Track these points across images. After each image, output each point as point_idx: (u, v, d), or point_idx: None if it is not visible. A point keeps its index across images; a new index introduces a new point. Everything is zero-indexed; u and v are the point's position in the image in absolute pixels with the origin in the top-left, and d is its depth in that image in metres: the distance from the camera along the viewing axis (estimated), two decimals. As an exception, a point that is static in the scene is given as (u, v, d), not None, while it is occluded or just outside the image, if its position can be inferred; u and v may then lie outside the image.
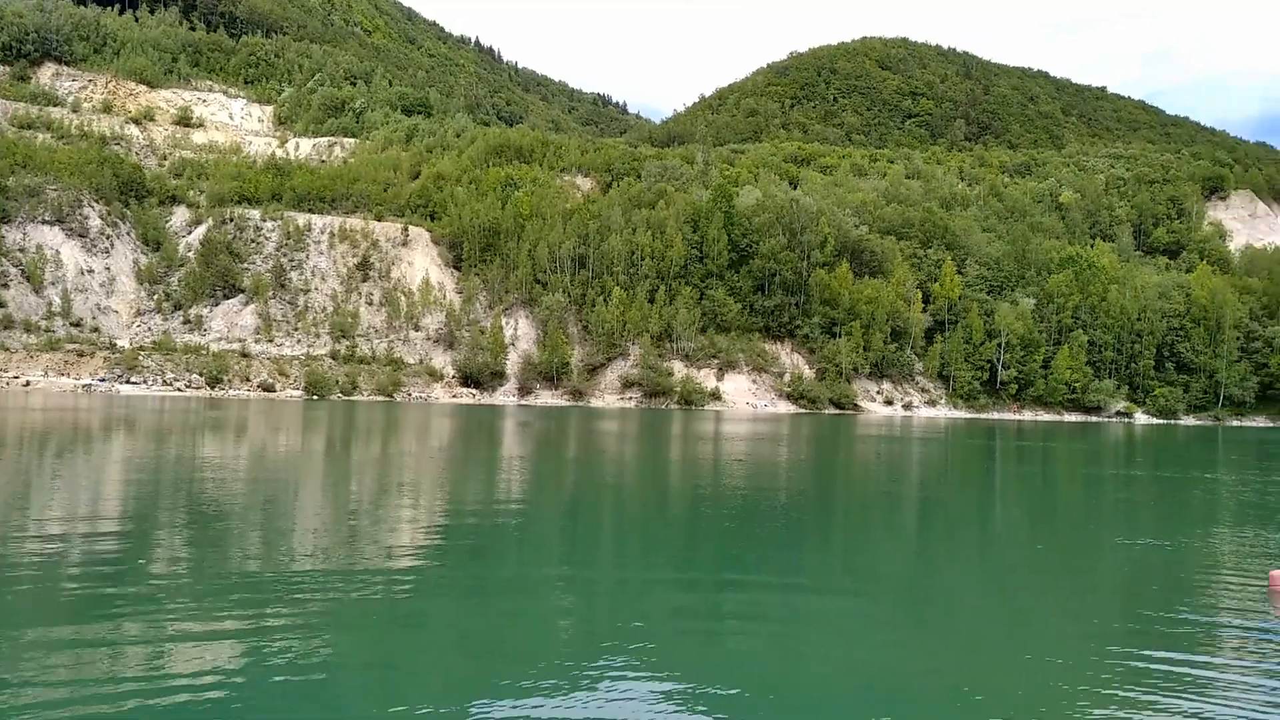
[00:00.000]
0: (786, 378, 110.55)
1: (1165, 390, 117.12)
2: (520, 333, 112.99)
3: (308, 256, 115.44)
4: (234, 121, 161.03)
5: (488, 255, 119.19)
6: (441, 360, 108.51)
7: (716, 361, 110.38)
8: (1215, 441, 67.38)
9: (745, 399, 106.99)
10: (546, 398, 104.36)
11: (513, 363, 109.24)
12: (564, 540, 17.14)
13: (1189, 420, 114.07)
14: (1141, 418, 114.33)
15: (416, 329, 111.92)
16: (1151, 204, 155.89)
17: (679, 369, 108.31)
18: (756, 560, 15.12)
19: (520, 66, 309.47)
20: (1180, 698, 8.46)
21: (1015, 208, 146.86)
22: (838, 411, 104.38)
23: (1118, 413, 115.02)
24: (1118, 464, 42.34)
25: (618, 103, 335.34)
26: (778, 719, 7.98)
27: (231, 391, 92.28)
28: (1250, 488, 31.33)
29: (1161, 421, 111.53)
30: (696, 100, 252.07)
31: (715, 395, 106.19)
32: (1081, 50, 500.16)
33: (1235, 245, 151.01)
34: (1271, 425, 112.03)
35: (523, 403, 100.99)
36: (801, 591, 12.76)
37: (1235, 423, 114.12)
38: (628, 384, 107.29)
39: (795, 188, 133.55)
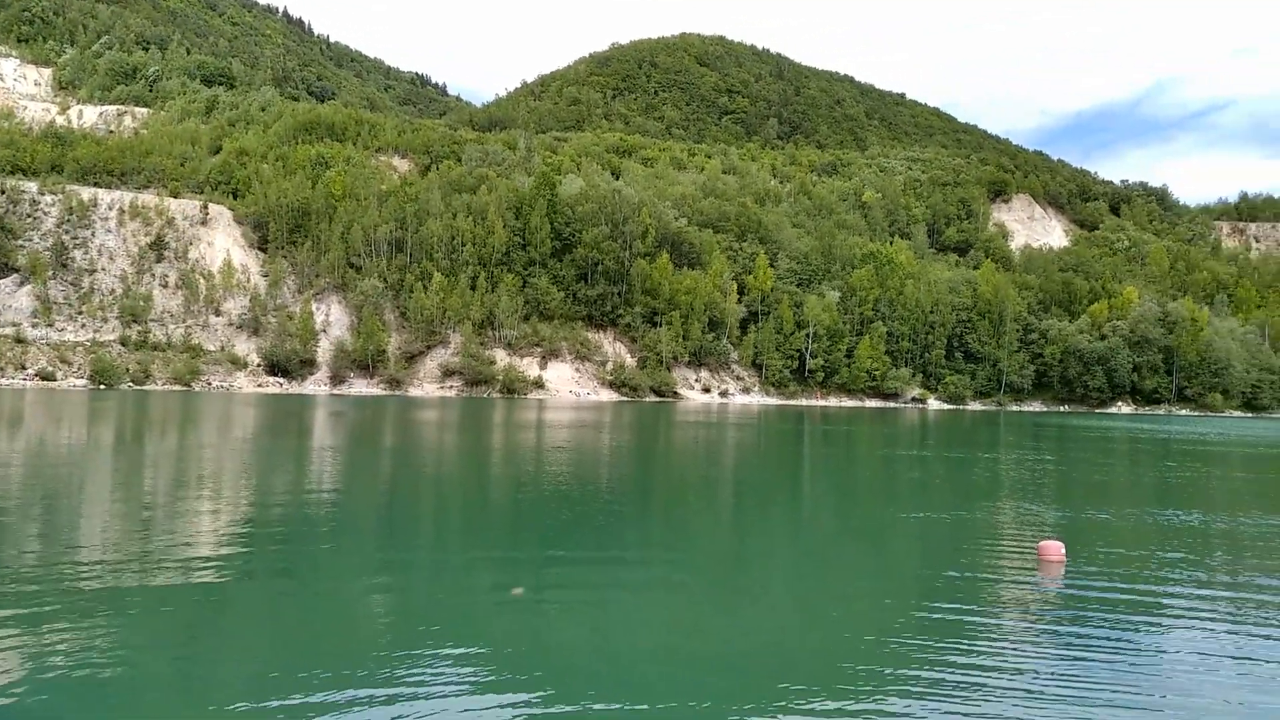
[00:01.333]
0: (609, 366, 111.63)
1: (955, 378, 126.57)
2: (332, 319, 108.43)
3: (94, 234, 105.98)
4: (4, 84, 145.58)
5: (296, 237, 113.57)
6: (245, 347, 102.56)
7: (540, 350, 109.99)
8: (997, 425, 73.34)
9: (568, 387, 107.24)
10: (361, 387, 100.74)
11: (324, 350, 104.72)
12: (380, 529, 16.53)
13: (975, 405, 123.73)
14: (934, 403, 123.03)
15: (217, 314, 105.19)
16: (944, 205, 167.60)
17: (501, 357, 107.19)
18: (577, 540, 15.12)
19: (333, 40, 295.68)
20: (965, 647, 9.18)
21: (823, 205, 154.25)
22: (658, 399, 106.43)
23: (913, 399, 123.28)
24: (912, 446, 45.33)
25: (437, 83, 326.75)
26: (597, 688, 7.96)
27: (4, 381, 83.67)
28: (1024, 466, 34.24)
29: (951, 407, 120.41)
30: (519, 86, 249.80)
31: (538, 384, 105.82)
32: (886, 58, 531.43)
33: (1016, 245, 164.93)
34: (1045, 410, 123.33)
35: (335, 392, 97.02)
36: (622, 567, 12.85)
37: (1015, 408, 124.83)
38: (448, 373, 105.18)
39: (617, 178, 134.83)
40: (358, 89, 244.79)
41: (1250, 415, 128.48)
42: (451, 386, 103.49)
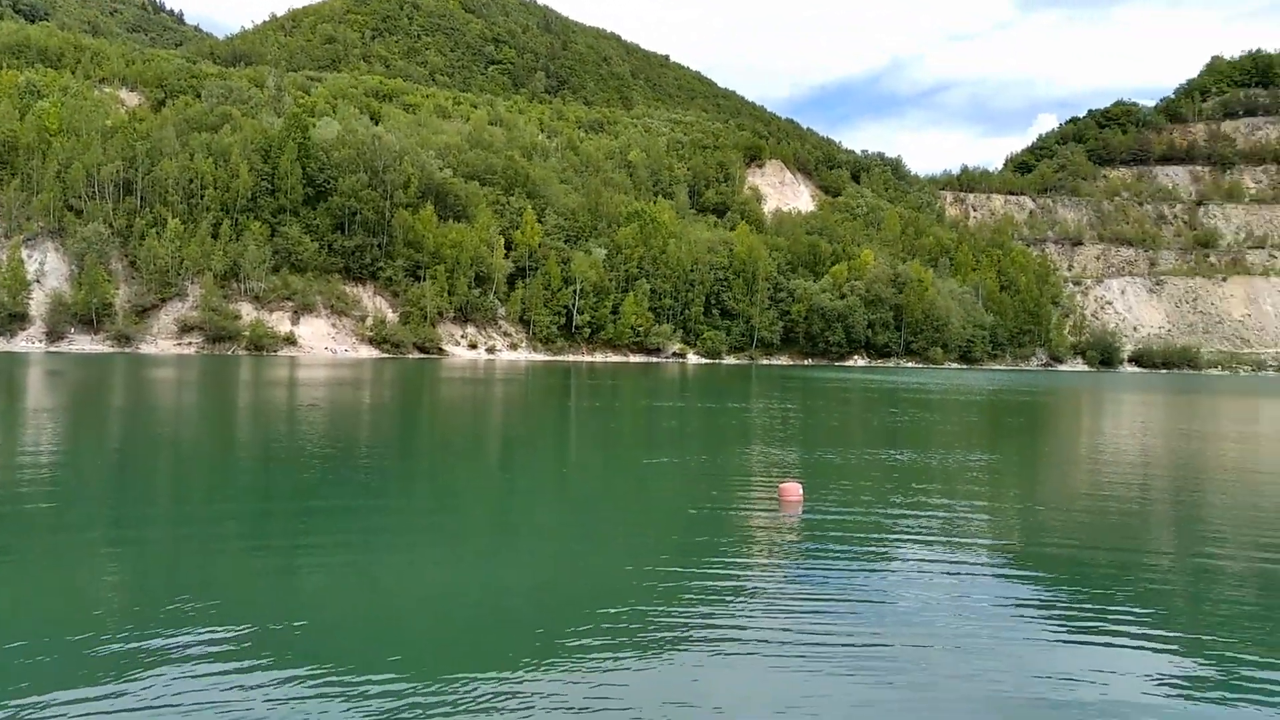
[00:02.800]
0: (369, 321, 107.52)
1: (712, 334, 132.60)
2: (48, 268, 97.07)
3: None
4: None
5: (2, 175, 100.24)
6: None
7: (291, 304, 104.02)
8: (750, 378, 77.62)
9: (324, 344, 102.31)
10: (84, 344, 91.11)
11: (38, 303, 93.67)
12: (110, 494, 14.99)
13: (730, 360, 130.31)
14: (693, 358, 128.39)
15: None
16: (704, 167, 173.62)
17: (248, 312, 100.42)
18: (336, 500, 14.46)
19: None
20: (719, 573, 9.64)
21: (590, 162, 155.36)
22: (422, 356, 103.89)
23: (674, 354, 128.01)
24: (672, 398, 47.08)
25: (172, 10, 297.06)
26: (362, 650, 7.62)
27: None
28: (770, 414, 36.49)
29: (709, 361, 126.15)
30: (267, 19, 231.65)
31: (290, 340, 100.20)
32: (651, 18, 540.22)
33: (768, 208, 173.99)
34: (792, 363, 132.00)
35: (52, 349, 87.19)
36: (385, 525, 12.41)
37: (765, 361, 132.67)
38: (186, 328, 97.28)
39: (377, 124, 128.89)
40: (77, 11, 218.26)
41: (965, 367, 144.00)
42: (190, 343, 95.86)
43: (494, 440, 25.70)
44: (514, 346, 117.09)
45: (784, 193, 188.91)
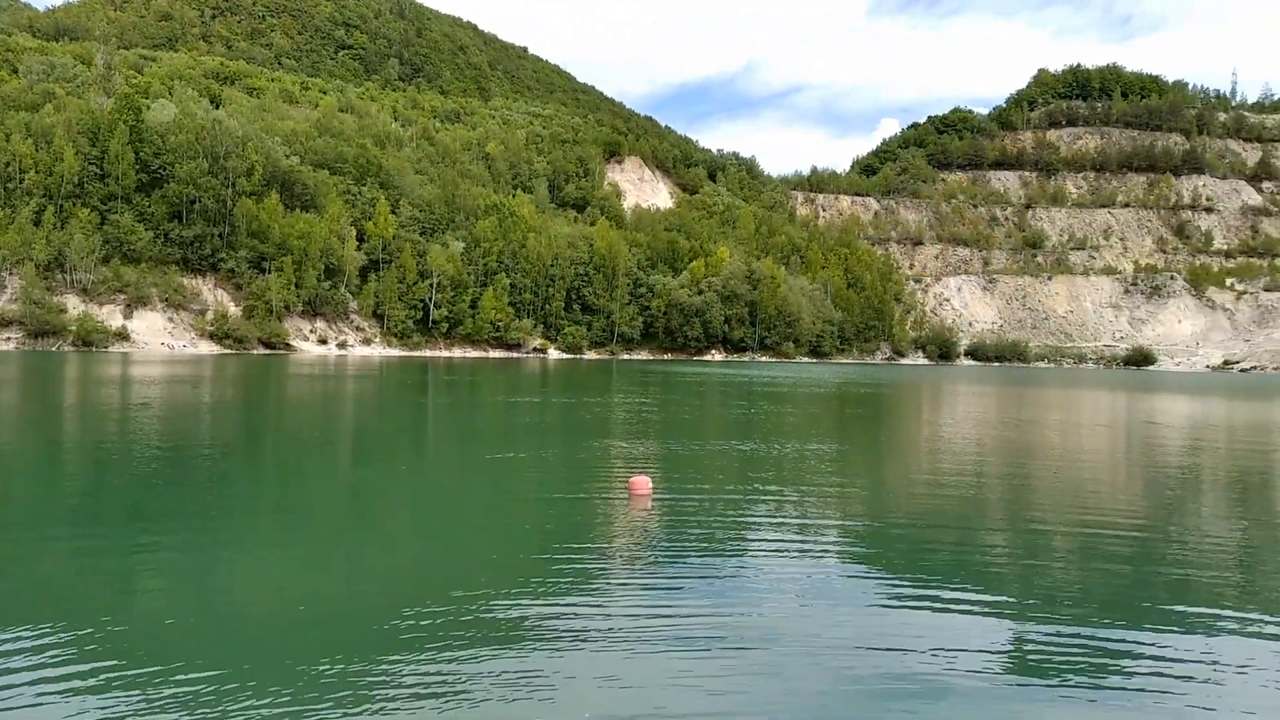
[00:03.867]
0: (209, 316, 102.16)
1: (573, 329, 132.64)
2: None
3: None
4: None
5: None
6: None
7: (124, 297, 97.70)
8: (610, 372, 78.05)
9: (160, 339, 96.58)
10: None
11: None
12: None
13: (591, 355, 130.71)
14: (554, 353, 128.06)
15: None
16: (564, 161, 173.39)
17: (75, 305, 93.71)
18: (174, 502, 13.58)
19: None
20: (569, 566, 9.57)
21: (446, 153, 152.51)
22: (268, 351, 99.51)
23: (534, 349, 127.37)
24: (531, 393, 46.77)
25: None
26: (203, 656, 7.15)
27: None
28: (626, 409, 36.79)
29: (570, 356, 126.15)
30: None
31: (122, 335, 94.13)
32: (508, 8, 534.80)
33: (628, 204, 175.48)
34: (652, 358, 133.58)
35: None
36: (228, 527, 11.74)
37: (626, 356, 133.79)
38: (4, 322, 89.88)
39: (218, 107, 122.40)
40: None
41: (815, 361, 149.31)
42: (9, 339, 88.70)
43: (343, 438, 24.85)
44: (367, 342, 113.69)
45: (643, 189, 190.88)
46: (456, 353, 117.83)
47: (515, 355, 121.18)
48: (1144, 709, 6.74)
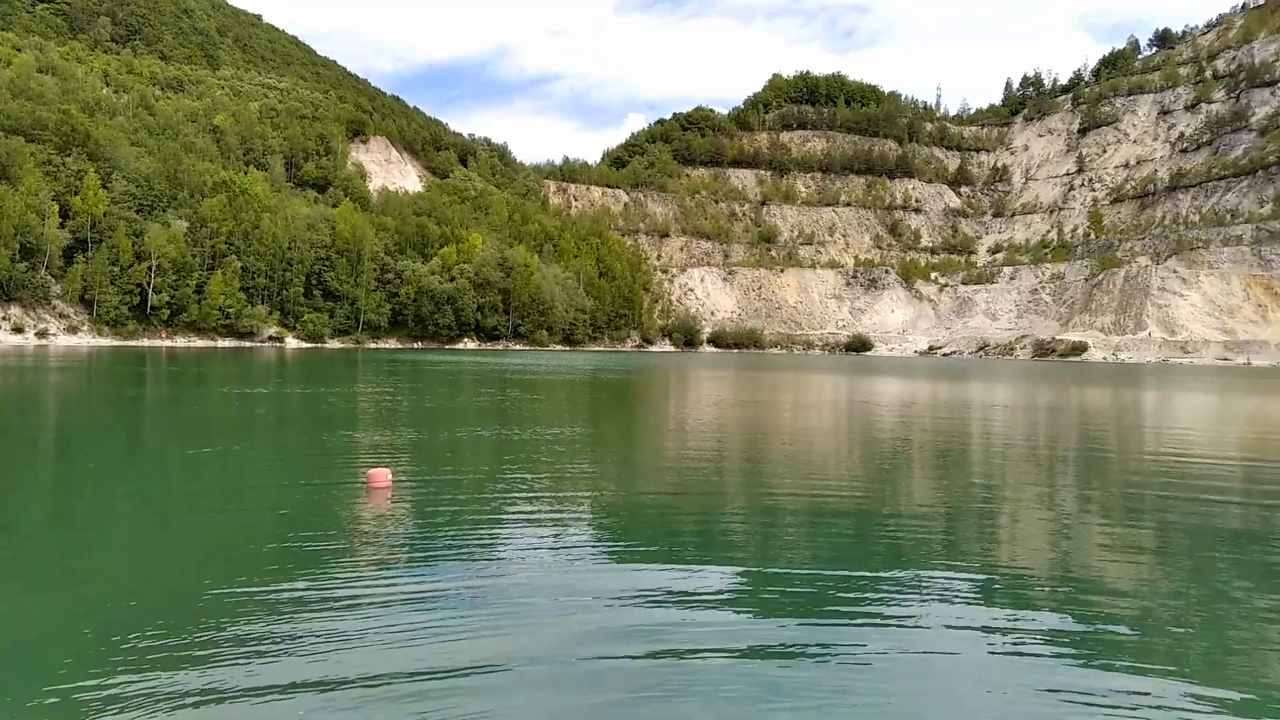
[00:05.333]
0: None
1: (314, 316, 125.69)
2: None
3: None
4: None
5: None
6: None
7: None
8: (355, 362, 74.65)
9: None
10: None
11: None
12: None
13: (335, 343, 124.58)
14: (292, 342, 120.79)
15: None
16: (303, 139, 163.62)
17: None
18: None
19: None
20: (304, 570, 8.78)
21: (168, 124, 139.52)
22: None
23: (270, 337, 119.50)
24: (266, 383, 43.68)
25: None
26: None
27: None
28: (367, 399, 35.26)
29: (310, 345, 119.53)
30: None
31: None
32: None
33: (374, 186, 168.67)
34: (401, 347, 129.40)
35: None
36: None
37: (373, 345, 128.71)
38: None
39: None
40: None
41: (568, 349, 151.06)
42: None
43: (40, 438, 21.87)
44: (73, 330, 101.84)
45: (390, 171, 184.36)
46: (180, 342, 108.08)
47: (248, 344, 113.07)
48: (856, 648, 7.12)
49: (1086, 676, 6.91)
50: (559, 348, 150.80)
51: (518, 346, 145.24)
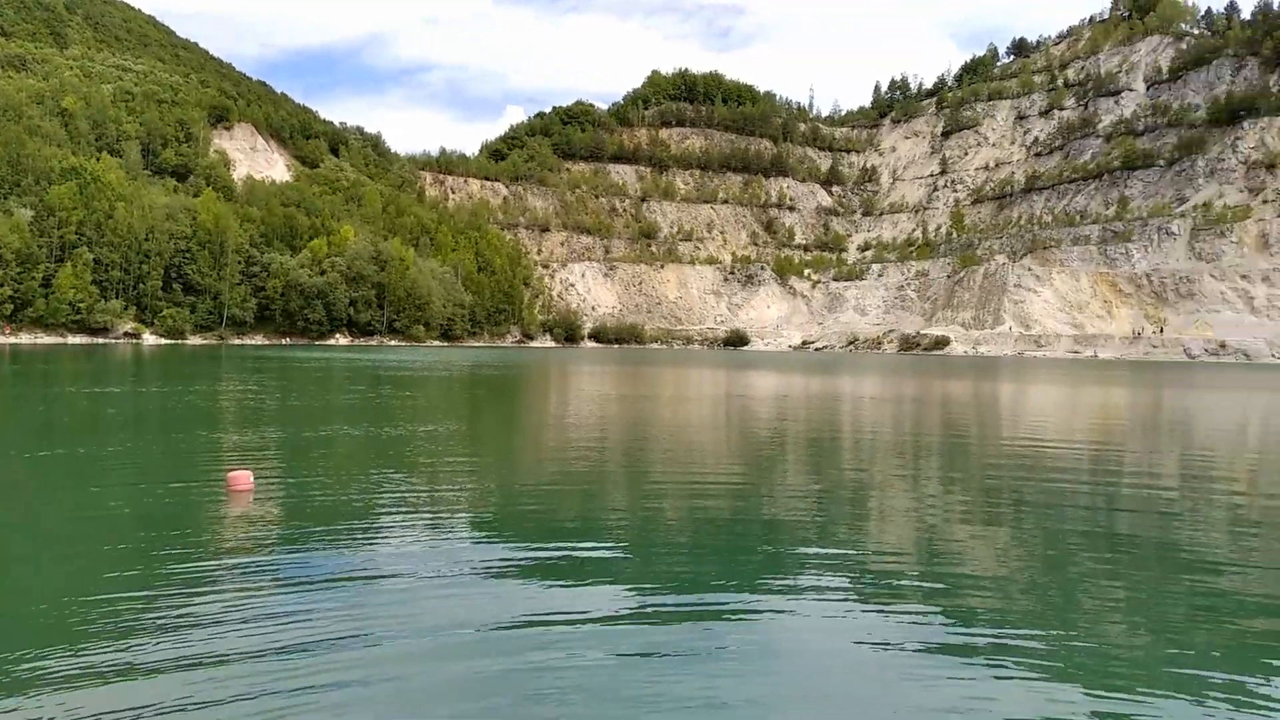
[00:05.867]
0: None
1: (174, 311, 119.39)
2: None
3: None
4: None
5: None
6: None
7: None
8: (219, 359, 71.35)
9: None
10: None
11: None
12: None
13: (196, 340, 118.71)
14: (150, 338, 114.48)
15: None
16: (161, 124, 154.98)
17: None
18: None
19: None
20: (162, 586, 8.21)
21: (9, 105, 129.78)
22: None
23: (126, 333, 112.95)
24: (118, 383, 41.20)
25: None
26: None
27: None
28: (229, 398, 33.75)
29: (170, 341, 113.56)
30: None
31: None
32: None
33: (238, 175, 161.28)
34: (269, 343, 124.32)
35: None
36: None
37: (238, 341, 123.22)
38: None
39: None
40: None
41: (446, 344, 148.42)
42: None
43: None
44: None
45: (256, 160, 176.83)
46: (25, 338, 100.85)
47: (101, 341, 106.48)
48: (730, 644, 7.16)
49: (952, 660, 7.13)
50: (436, 343, 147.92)
51: (393, 342, 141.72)
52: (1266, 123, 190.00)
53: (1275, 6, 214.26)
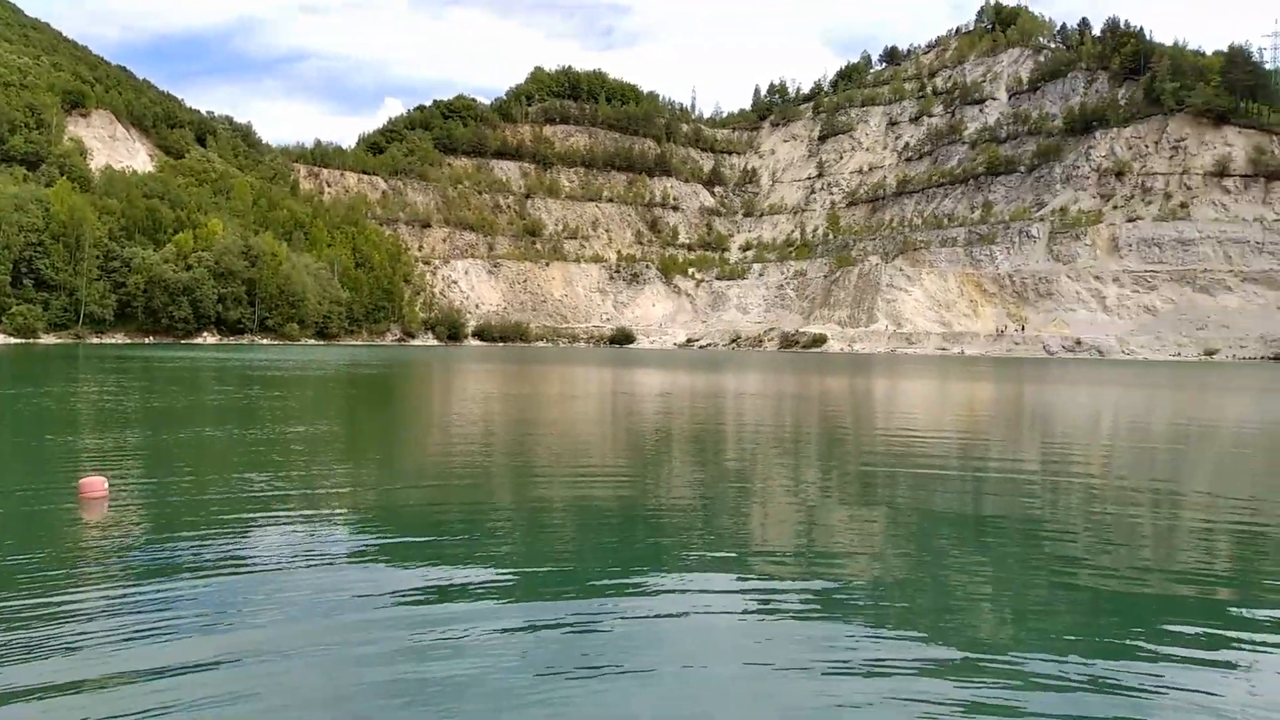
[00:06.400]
0: None
1: (24, 308, 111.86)
2: None
3: None
4: None
5: None
6: None
7: None
8: (75, 359, 67.15)
9: None
10: None
11: None
12: None
13: (51, 339, 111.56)
14: (0, 337, 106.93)
15: None
16: (8, 109, 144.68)
17: None
18: None
19: None
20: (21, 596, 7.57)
21: None
22: None
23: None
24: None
25: None
26: None
27: None
28: (86, 400, 31.84)
29: (21, 340, 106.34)
30: None
31: None
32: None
33: (96, 165, 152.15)
34: (130, 342, 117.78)
35: None
36: None
37: (96, 340, 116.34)
38: None
39: None
40: None
41: (323, 343, 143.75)
42: None
43: None
44: None
45: (116, 149, 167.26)
46: None
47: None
48: (618, 636, 7.09)
49: (830, 643, 7.23)
50: (312, 342, 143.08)
51: (265, 341, 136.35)
52: (1115, 133, 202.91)
53: (1122, 24, 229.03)
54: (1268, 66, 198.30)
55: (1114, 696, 6.20)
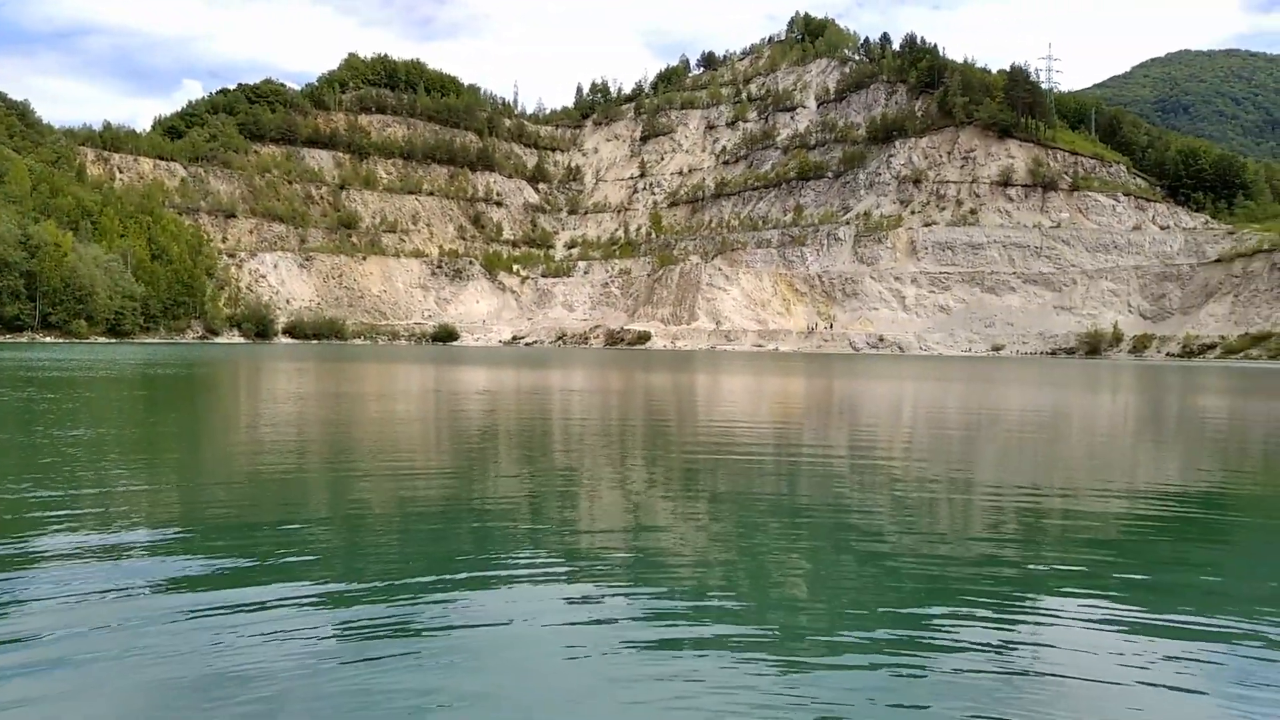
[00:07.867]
0: None
1: None
2: None
3: None
4: None
5: None
6: None
7: None
8: None
9: None
10: None
11: None
12: None
13: None
14: None
15: None
16: None
17: None
18: None
19: None
20: None
21: None
22: None
23: None
24: None
25: None
26: None
27: None
28: None
29: None
30: None
31: None
32: None
33: None
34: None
35: None
36: None
37: None
38: None
39: None
40: None
41: (115, 341, 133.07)
42: None
43: None
44: None
45: None
46: None
47: None
48: (446, 644, 6.85)
49: (658, 628, 7.27)
50: (102, 340, 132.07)
51: (48, 339, 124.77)
52: (913, 143, 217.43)
53: (919, 40, 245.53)
54: (1044, 86, 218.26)
55: (920, 655, 6.61)
